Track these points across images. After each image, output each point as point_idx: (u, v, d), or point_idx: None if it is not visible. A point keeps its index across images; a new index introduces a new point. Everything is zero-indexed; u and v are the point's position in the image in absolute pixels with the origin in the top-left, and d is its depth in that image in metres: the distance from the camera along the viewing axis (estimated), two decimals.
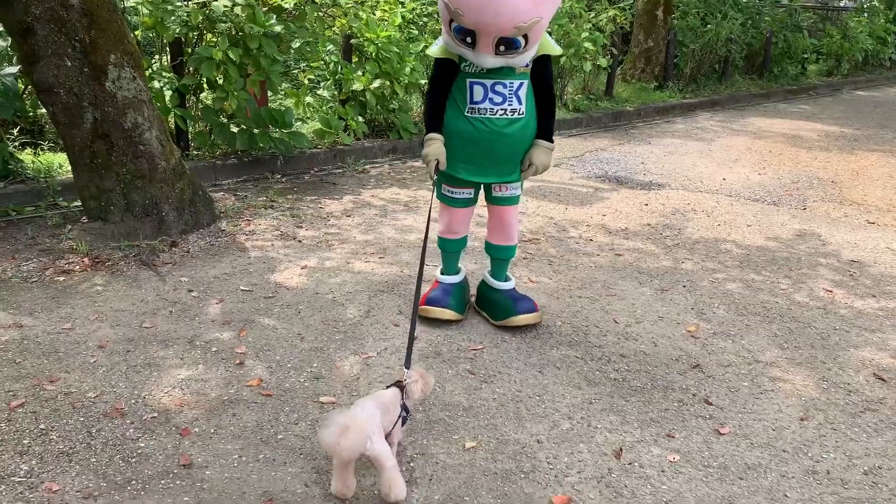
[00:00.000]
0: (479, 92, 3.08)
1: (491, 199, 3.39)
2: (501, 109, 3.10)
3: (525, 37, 2.87)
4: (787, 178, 6.69)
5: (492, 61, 2.97)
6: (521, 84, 3.10)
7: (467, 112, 3.11)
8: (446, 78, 3.14)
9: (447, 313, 3.43)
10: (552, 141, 3.26)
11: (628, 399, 2.95)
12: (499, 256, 3.50)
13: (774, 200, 5.94)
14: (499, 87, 3.07)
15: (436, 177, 3.21)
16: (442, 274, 3.57)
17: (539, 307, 3.49)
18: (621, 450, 2.62)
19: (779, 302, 3.95)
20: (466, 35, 2.89)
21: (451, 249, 3.52)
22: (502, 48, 2.90)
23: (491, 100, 3.08)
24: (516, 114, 3.12)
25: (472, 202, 3.41)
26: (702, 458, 2.61)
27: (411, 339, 2.64)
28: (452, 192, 3.33)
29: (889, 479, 2.55)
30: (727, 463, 2.59)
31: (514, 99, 3.10)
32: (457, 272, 3.57)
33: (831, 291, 4.13)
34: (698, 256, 4.57)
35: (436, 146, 3.13)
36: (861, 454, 2.68)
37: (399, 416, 2.39)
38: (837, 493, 2.47)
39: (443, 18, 2.99)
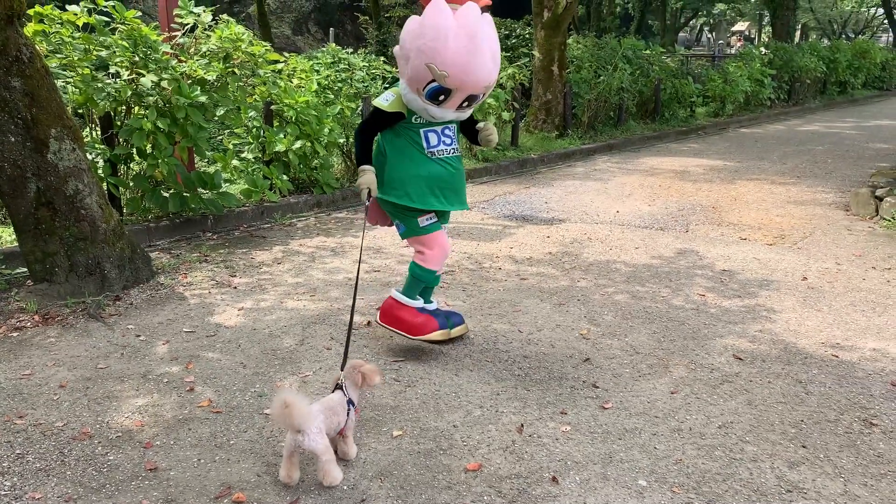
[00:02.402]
0: (433, 138, 3.66)
1: None
2: (451, 149, 3.73)
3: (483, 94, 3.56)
4: (674, 207, 7.49)
5: (451, 115, 3.60)
6: (455, 126, 3.79)
7: (428, 155, 3.66)
8: (383, 126, 3.68)
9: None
10: None
11: (529, 389, 3.49)
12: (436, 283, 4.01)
13: (661, 226, 6.69)
14: (447, 132, 3.72)
15: (368, 202, 3.67)
16: (427, 302, 3.95)
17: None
18: (522, 426, 3.14)
19: (659, 307, 4.60)
20: (441, 94, 3.45)
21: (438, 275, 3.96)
22: (465, 104, 3.56)
23: (443, 142, 3.69)
24: (457, 151, 3.78)
25: None
26: (588, 427, 3.15)
27: (346, 351, 3.13)
28: (431, 219, 3.78)
29: (738, 430, 3.15)
30: (609, 429, 3.14)
31: (456, 139, 3.77)
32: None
33: (704, 295, 4.81)
34: (592, 276, 5.21)
35: (369, 176, 3.62)
36: (717, 414, 3.28)
37: (347, 413, 2.84)
38: (697, 442, 3.05)
39: (415, 79, 3.46)
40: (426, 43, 3.37)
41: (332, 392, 2.94)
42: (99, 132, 6.15)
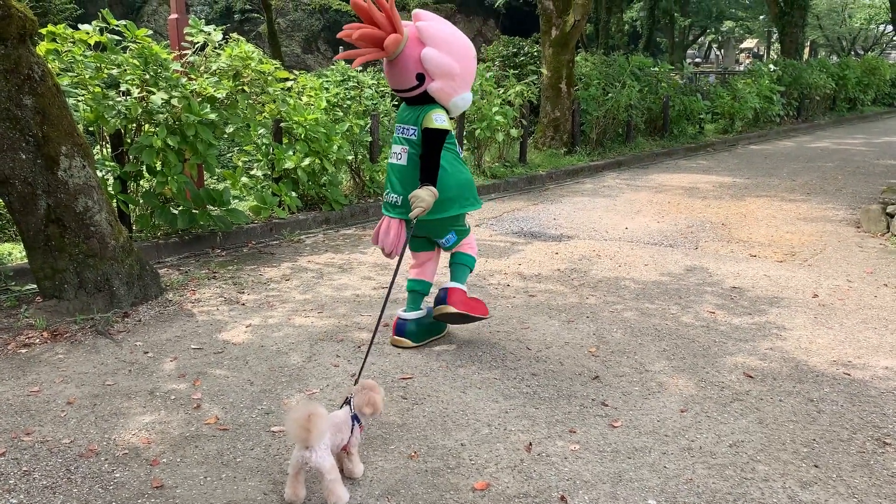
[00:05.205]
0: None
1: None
2: None
3: None
4: (683, 224, 7.46)
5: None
6: None
7: (462, 160, 4.01)
8: None
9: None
10: None
11: (538, 407, 3.46)
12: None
13: (670, 243, 6.67)
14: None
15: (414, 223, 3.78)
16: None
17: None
18: (531, 444, 3.11)
19: (668, 324, 4.57)
20: None
21: None
22: None
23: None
24: None
25: None
26: (598, 446, 3.12)
27: (364, 361, 3.15)
28: None
29: (749, 449, 3.11)
30: (619, 448, 3.11)
31: None
32: None
33: (714, 313, 4.78)
34: (601, 293, 5.18)
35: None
36: (728, 433, 3.24)
37: (352, 429, 2.82)
38: (707, 461, 3.01)
39: (470, 80, 3.84)
40: (468, 48, 3.82)
41: (340, 407, 2.93)
42: (109, 149, 6.19)
